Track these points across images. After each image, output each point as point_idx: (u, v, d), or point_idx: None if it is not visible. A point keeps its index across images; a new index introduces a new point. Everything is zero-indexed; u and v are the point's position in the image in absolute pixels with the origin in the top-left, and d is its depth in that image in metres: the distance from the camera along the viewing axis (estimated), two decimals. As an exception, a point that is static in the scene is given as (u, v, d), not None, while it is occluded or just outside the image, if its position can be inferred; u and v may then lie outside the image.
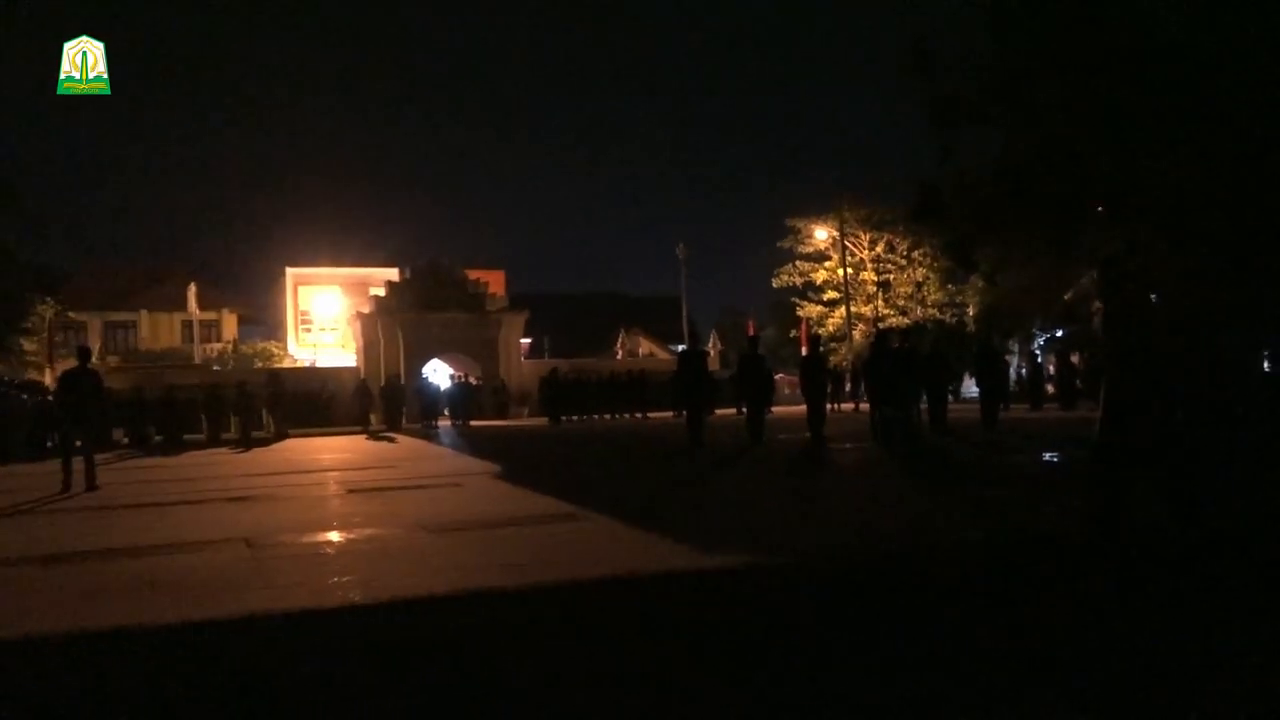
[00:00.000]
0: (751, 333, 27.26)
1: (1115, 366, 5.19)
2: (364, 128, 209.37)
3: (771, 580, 5.14)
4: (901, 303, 44.92)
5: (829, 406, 22.60)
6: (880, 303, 45.03)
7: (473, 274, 44.40)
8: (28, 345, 33.18)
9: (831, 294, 45.24)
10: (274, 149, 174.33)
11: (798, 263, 45.89)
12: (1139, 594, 4.52)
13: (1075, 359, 30.14)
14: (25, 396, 23.87)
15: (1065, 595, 4.55)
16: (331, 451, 20.05)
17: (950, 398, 19.89)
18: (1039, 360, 35.90)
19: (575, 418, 34.08)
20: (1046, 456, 12.11)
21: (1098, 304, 5.51)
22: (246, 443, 25.46)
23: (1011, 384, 30.76)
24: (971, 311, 41.23)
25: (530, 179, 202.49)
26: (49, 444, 20.95)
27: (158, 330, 53.01)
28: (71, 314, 39.52)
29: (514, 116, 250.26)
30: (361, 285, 49.51)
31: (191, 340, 47.97)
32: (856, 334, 43.36)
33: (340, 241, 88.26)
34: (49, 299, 31.66)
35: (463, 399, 34.29)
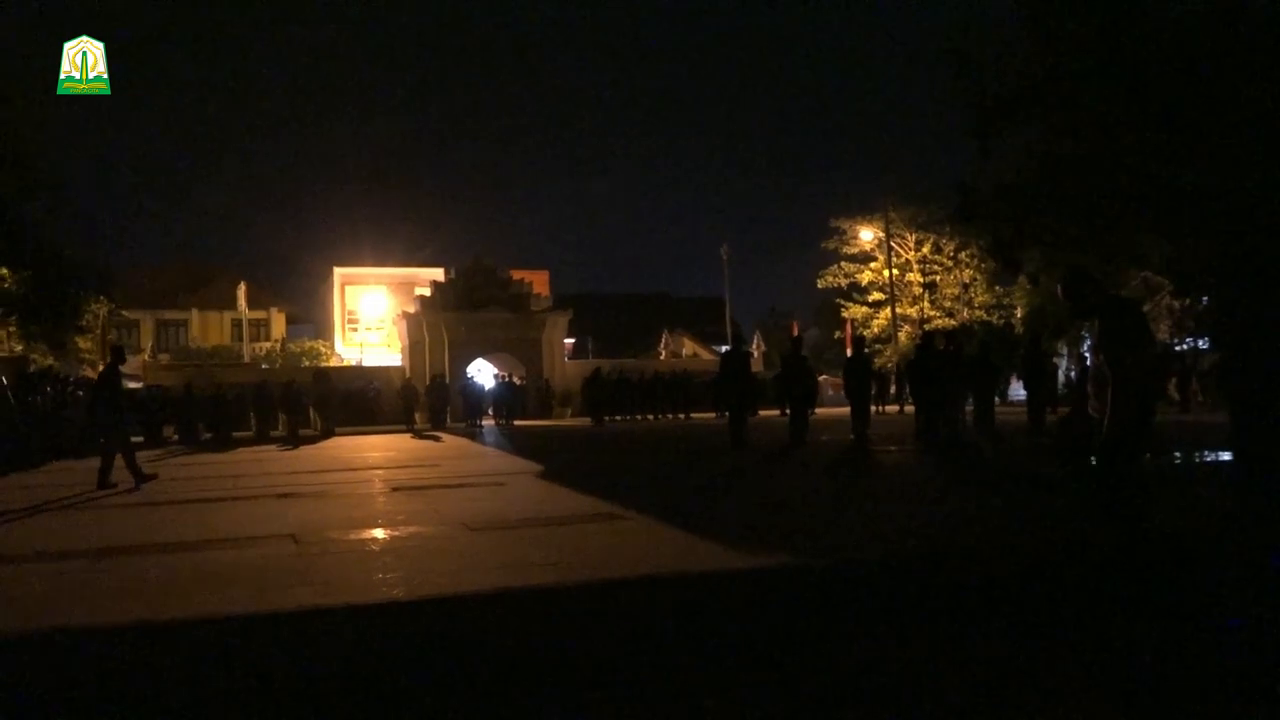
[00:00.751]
0: (795, 334, 27.15)
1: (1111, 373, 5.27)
2: (411, 128, 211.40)
3: (807, 582, 5.12)
4: (948, 304, 44.48)
5: (874, 408, 22.46)
6: (926, 304, 44.62)
7: (517, 274, 44.55)
8: (83, 343, 33.76)
9: (877, 295, 44.90)
10: (325, 152, 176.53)
11: (843, 263, 45.60)
12: (1130, 597, 4.58)
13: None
14: (80, 393, 24.31)
15: (1075, 598, 4.58)
16: (377, 450, 20.24)
17: (997, 400, 19.65)
18: (1088, 363, 35.34)
19: (618, 418, 34.15)
20: (1093, 460, 11.90)
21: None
22: (294, 440, 25.76)
23: (1060, 386, 30.32)
24: (1019, 313, 40.70)
25: (576, 181, 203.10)
26: (101, 440, 21.30)
27: (208, 328, 53.97)
28: (125, 312, 40.20)
29: (560, 117, 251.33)
30: (407, 285, 50.11)
31: (241, 338, 48.82)
32: (902, 336, 42.99)
33: (386, 242, 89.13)
34: (102, 297, 32.16)
35: (506, 399, 34.43)
